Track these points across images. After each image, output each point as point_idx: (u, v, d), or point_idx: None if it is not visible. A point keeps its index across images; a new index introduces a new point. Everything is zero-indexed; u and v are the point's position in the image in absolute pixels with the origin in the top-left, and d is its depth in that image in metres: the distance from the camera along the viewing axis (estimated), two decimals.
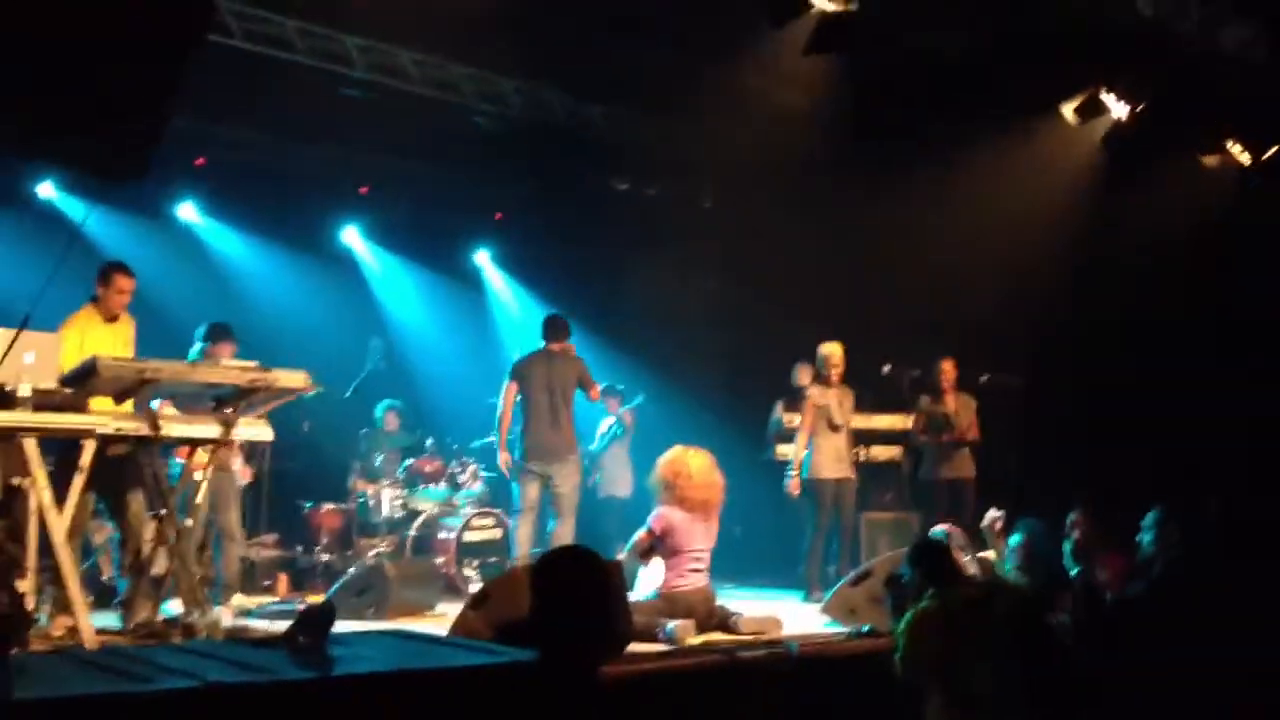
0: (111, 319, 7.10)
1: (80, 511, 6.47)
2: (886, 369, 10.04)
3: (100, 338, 6.92)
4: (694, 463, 7.25)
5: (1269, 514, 6.36)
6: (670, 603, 6.97)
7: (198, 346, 7.86)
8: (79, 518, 6.50)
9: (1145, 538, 5.62)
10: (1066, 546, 5.71)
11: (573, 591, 2.93)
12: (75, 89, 2.80)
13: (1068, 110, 9.59)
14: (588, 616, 2.93)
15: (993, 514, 7.04)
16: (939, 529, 7.12)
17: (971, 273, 10.02)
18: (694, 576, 7.14)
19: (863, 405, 10.29)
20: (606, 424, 10.62)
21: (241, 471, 8.39)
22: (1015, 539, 6.54)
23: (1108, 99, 9.43)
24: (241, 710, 2.29)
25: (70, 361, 6.15)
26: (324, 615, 2.95)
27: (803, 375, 10.18)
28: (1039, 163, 9.96)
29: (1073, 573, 5.65)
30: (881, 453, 10.30)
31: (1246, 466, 8.73)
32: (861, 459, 10.01)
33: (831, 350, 9.20)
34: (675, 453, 7.34)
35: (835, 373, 9.15)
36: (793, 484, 9.07)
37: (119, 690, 2.21)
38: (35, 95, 2.72)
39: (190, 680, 2.29)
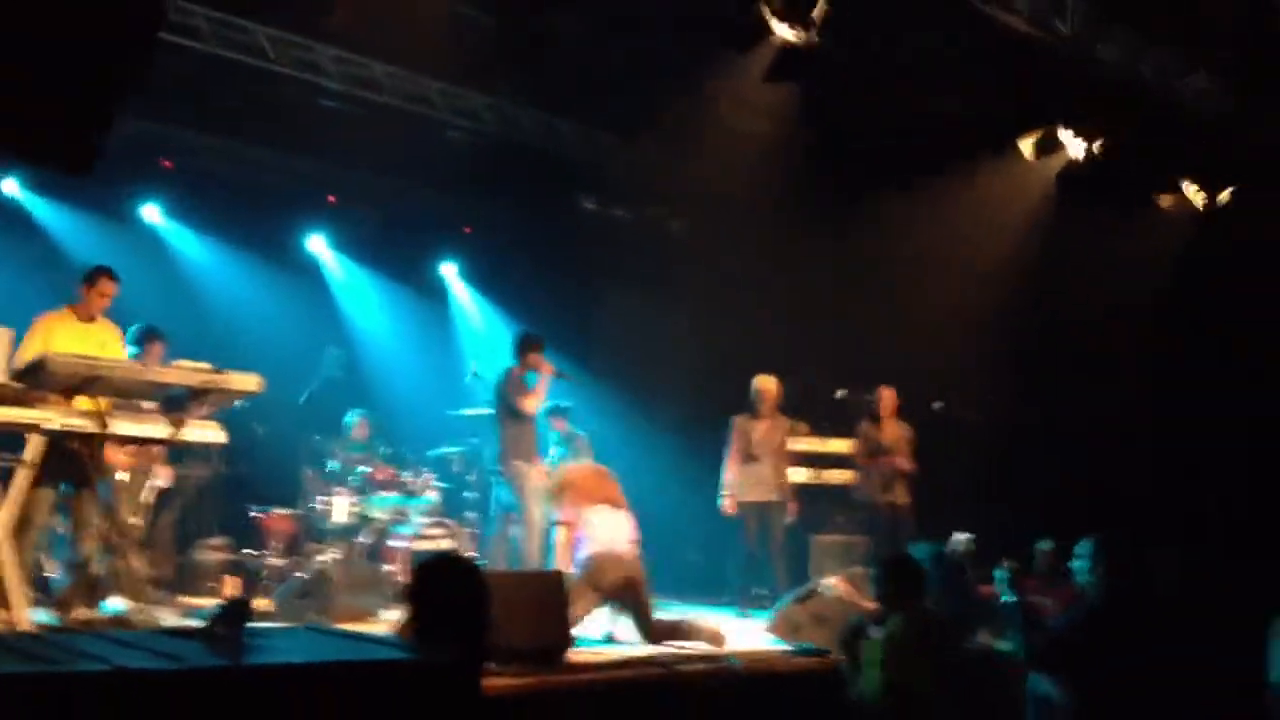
0: (88, 320, 7.16)
1: (35, 507, 6.50)
2: (840, 394, 10.17)
3: (69, 337, 6.98)
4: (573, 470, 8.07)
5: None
6: (599, 566, 7.12)
7: (131, 349, 7.83)
8: (32, 513, 6.52)
9: (1078, 565, 5.71)
10: (999, 574, 5.80)
11: (443, 598, 3.02)
12: (21, 79, 2.84)
13: (1025, 145, 9.75)
14: (457, 625, 2.99)
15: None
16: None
17: (931, 302, 10.17)
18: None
19: (818, 429, 10.45)
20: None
21: (165, 474, 8.35)
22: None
23: (1065, 136, 9.59)
24: (147, 695, 2.33)
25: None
26: (240, 608, 3.00)
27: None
28: (996, 196, 10.12)
29: (1005, 599, 5.75)
30: (834, 476, 10.41)
31: (1199, 501, 8.89)
32: (814, 482, 10.19)
33: (764, 383, 9.65)
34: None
35: (764, 405, 9.62)
36: (727, 504, 9.56)
37: (21, 670, 2.25)
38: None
39: (99, 664, 2.34)
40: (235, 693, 2.46)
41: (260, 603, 7.86)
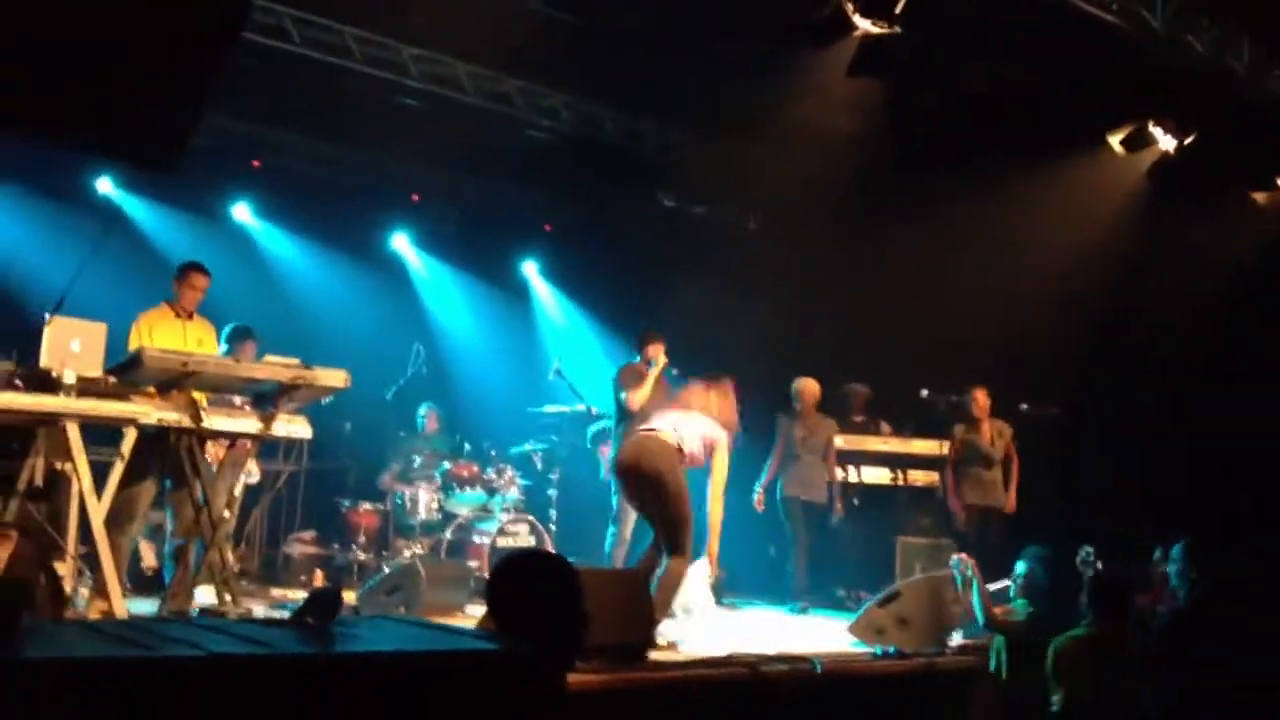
0: (186, 316, 7.38)
1: (135, 499, 6.67)
2: (924, 394, 10.05)
3: (170, 333, 7.19)
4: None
5: None
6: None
7: (223, 348, 8.01)
8: (133, 505, 6.69)
9: (1171, 569, 5.62)
10: (1084, 553, 5.77)
11: (531, 594, 3.02)
12: (110, 77, 2.90)
13: (1115, 140, 9.56)
14: (545, 620, 2.99)
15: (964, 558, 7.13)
16: (954, 559, 7.15)
17: (1015, 301, 10.00)
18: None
19: (901, 430, 10.35)
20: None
21: (254, 468, 8.50)
22: (1020, 567, 6.58)
23: (1156, 131, 9.40)
24: (238, 680, 2.37)
25: None
26: (331, 598, 3.04)
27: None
28: (1085, 193, 9.92)
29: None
30: (919, 477, 10.29)
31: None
32: (899, 483, 10.11)
33: (802, 384, 9.96)
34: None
35: (803, 405, 9.90)
36: (757, 499, 9.78)
37: (117, 654, 2.30)
38: (70, 82, 2.83)
39: (191, 650, 2.39)
40: (325, 680, 2.49)
41: (346, 596, 7.97)
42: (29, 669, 2.14)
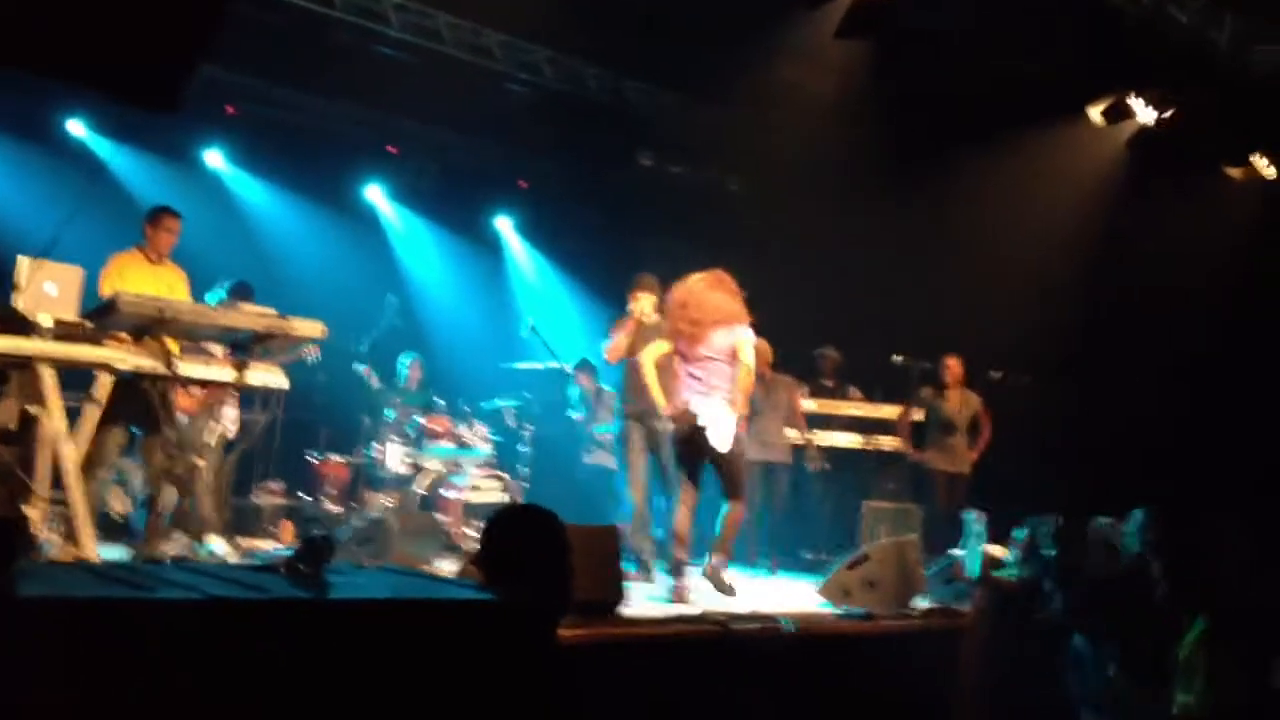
0: (157, 260, 7.29)
1: (105, 445, 6.60)
2: (896, 360, 10.09)
3: (141, 278, 7.09)
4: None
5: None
6: None
7: (219, 298, 7.95)
8: (103, 451, 6.63)
9: (1128, 534, 5.63)
10: (1044, 528, 5.80)
11: (520, 549, 3.03)
12: (111, 14, 2.85)
13: (1094, 112, 9.59)
14: (533, 576, 3.01)
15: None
16: (969, 513, 7.15)
17: (994, 269, 10.06)
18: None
19: (871, 396, 10.39)
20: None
21: (229, 415, 8.44)
22: (1020, 533, 6.60)
23: (1135, 104, 9.43)
24: (239, 624, 2.37)
25: None
26: (324, 545, 3.03)
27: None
28: (1065, 163, 9.98)
29: (1045, 553, 5.76)
30: (886, 442, 10.34)
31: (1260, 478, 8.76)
32: (865, 447, 10.14)
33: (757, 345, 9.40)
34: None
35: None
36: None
37: (122, 595, 2.29)
38: (68, 17, 2.78)
39: (192, 593, 2.37)
40: (322, 625, 2.49)
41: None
42: (31, 607, 2.13)
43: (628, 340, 8.13)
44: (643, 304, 8.24)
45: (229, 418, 8.20)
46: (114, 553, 6.72)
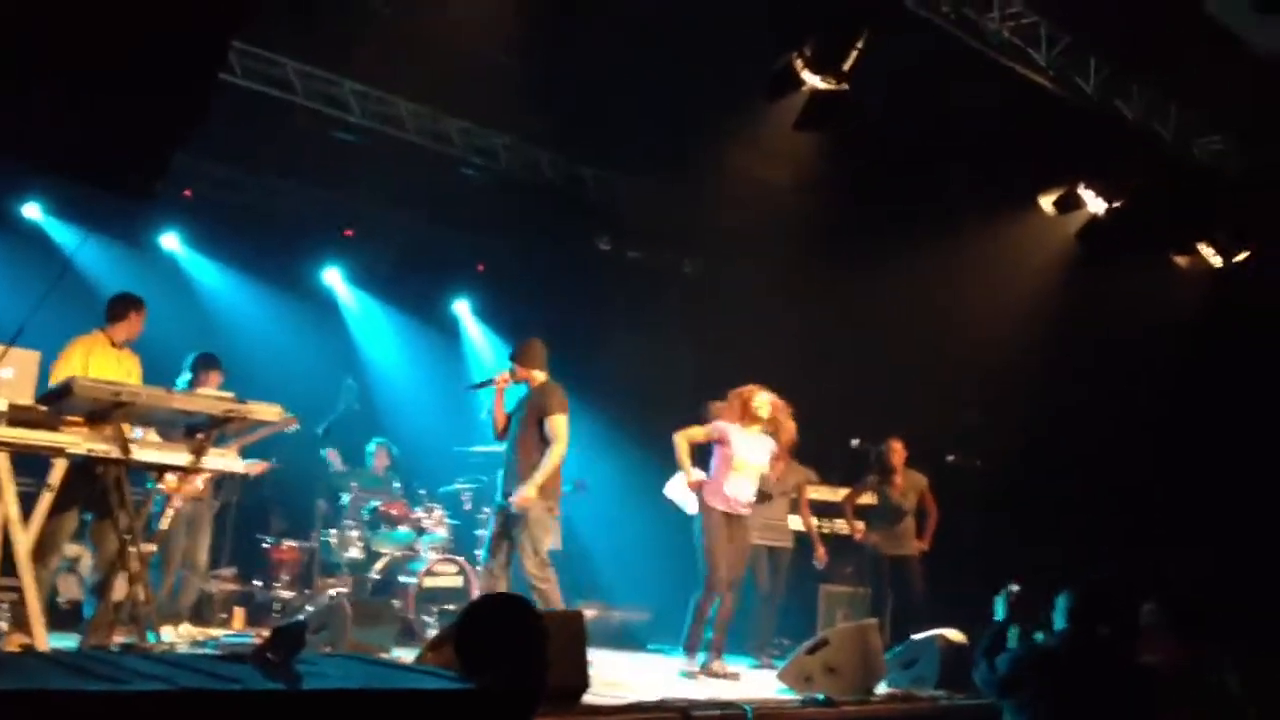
0: (119, 346, 7.29)
1: (58, 531, 6.51)
2: (855, 443, 10.15)
3: (105, 362, 7.05)
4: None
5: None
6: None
7: (185, 376, 7.92)
8: (56, 537, 6.53)
9: (1056, 613, 5.66)
10: (1001, 596, 5.85)
11: (499, 638, 3.02)
12: (92, 104, 2.87)
13: (1046, 202, 9.80)
14: (512, 663, 2.99)
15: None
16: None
17: (948, 353, 10.19)
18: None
19: (828, 478, 10.42)
20: None
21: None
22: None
23: (1085, 194, 9.64)
24: (212, 717, 2.32)
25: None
26: (294, 635, 2.99)
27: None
28: (1017, 250, 10.17)
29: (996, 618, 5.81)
30: (842, 526, 10.35)
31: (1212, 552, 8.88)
32: (824, 531, 10.12)
33: None
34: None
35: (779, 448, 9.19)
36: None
37: (97, 689, 2.23)
38: (53, 105, 2.80)
39: (163, 684, 2.33)
40: (297, 717, 2.45)
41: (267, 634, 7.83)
42: (3, 701, 2.07)
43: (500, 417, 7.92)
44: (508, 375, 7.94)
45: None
46: (63, 642, 6.56)
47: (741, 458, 8.00)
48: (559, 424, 7.54)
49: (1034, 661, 5.22)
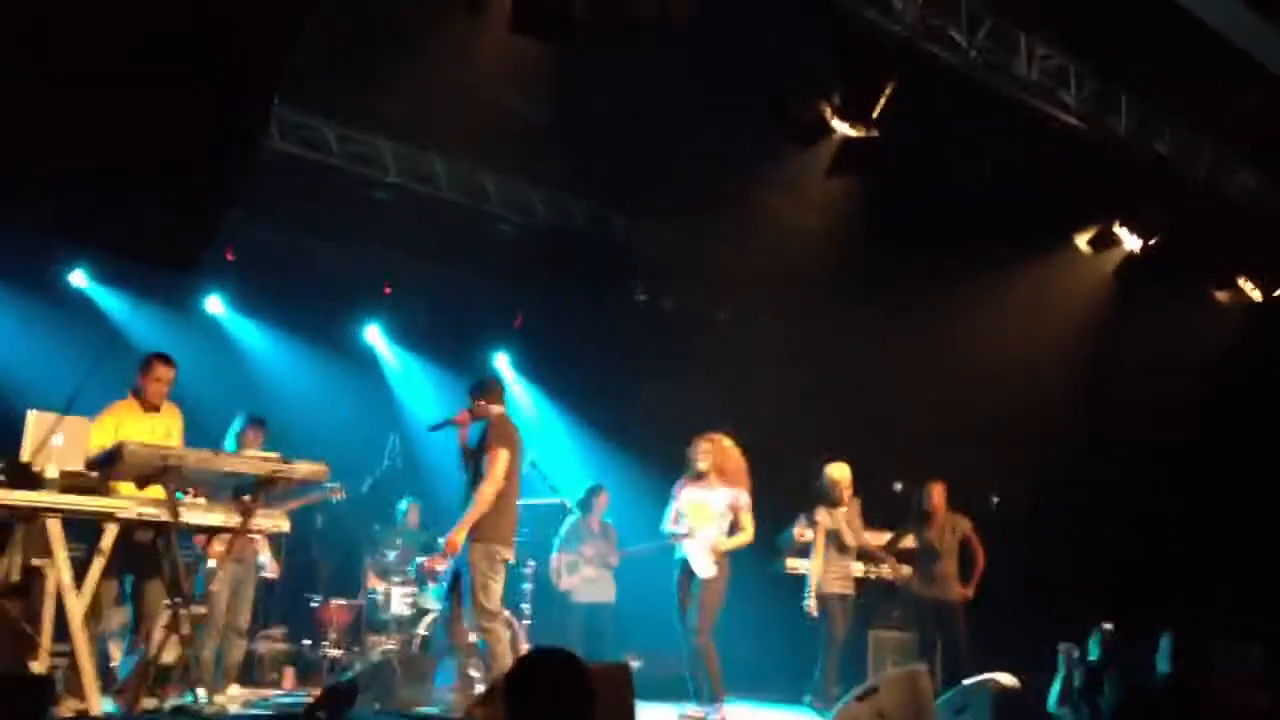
0: (152, 409, 7.25)
1: (103, 595, 6.57)
2: (898, 487, 10.11)
3: (136, 427, 7.08)
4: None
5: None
6: None
7: (232, 438, 8.01)
8: (101, 601, 6.58)
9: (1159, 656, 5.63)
10: (1095, 637, 5.82)
11: (547, 696, 3.03)
12: (138, 179, 2.95)
13: (1081, 240, 9.78)
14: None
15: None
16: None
17: (985, 393, 10.15)
18: None
19: (872, 523, 10.36)
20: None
21: (271, 566, 8.48)
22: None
23: (1121, 232, 9.62)
24: None
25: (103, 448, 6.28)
26: (346, 693, 3.02)
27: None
28: (1054, 289, 10.14)
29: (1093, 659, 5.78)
30: (889, 571, 10.27)
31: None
32: (870, 576, 10.05)
33: (840, 472, 9.18)
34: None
35: (843, 494, 9.14)
36: (813, 604, 8.92)
37: None
38: (100, 181, 2.88)
39: None
40: None
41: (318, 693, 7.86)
42: None
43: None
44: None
45: (267, 563, 8.27)
46: (108, 705, 6.61)
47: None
48: (497, 459, 7.21)
49: (1143, 704, 5.15)
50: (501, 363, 13.51)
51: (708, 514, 8.06)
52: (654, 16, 7.41)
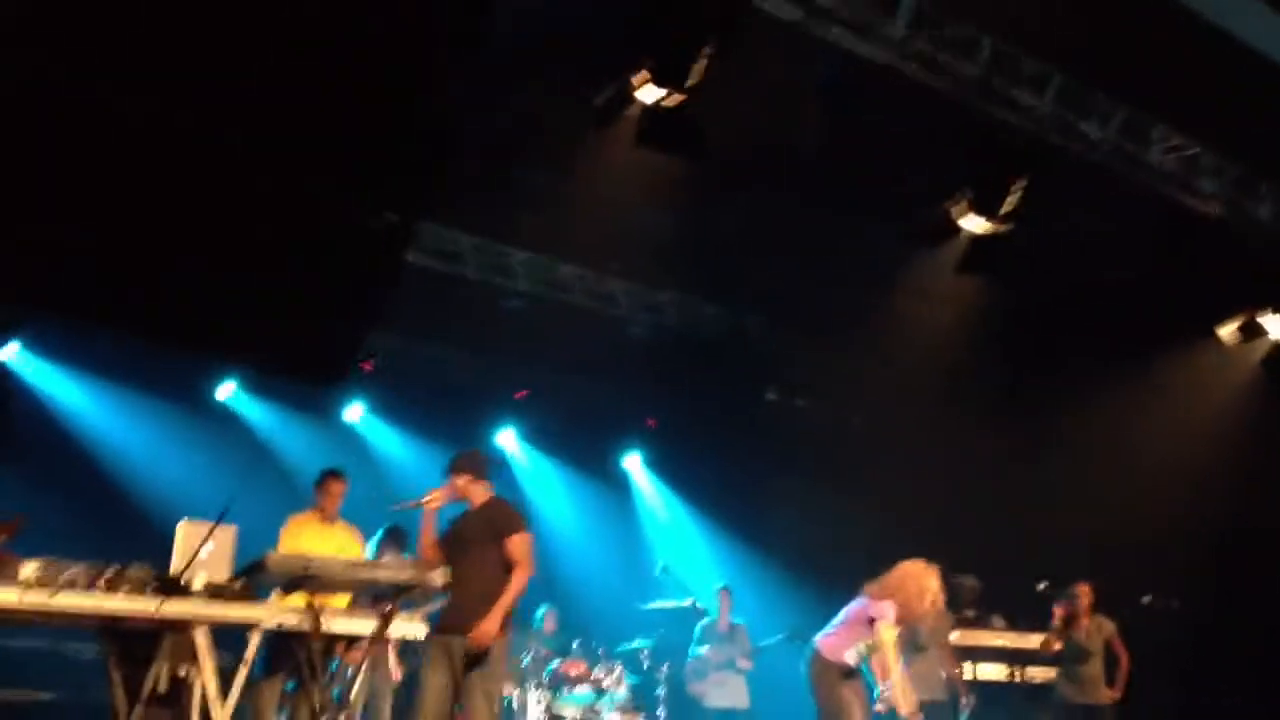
0: (329, 521, 7.54)
1: (266, 701, 6.70)
2: (1041, 587, 9.82)
3: (313, 538, 7.31)
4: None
5: None
6: None
7: (374, 546, 8.17)
8: (261, 705, 6.71)
9: None
10: None
11: None
12: (288, 299, 3.07)
13: (1225, 332, 9.49)
14: None
15: None
16: None
17: (1129, 491, 9.84)
18: None
19: (1016, 624, 10.08)
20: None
21: (393, 669, 8.54)
22: None
23: (1266, 320, 9.31)
24: None
25: None
26: None
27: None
28: (1196, 383, 9.84)
29: None
30: (1036, 674, 9.96)
31: None
32: (1015, 679, 9.78)
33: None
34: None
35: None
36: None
37: None
38: (252, 302, 3.00)
39: None
40: None
41: None
42: None
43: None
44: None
45: (391, 666, 8.35)
46: None
47: None
48: (523, 545, 6.53)
49: None
50: (633, 464, 13.55)
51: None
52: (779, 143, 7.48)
